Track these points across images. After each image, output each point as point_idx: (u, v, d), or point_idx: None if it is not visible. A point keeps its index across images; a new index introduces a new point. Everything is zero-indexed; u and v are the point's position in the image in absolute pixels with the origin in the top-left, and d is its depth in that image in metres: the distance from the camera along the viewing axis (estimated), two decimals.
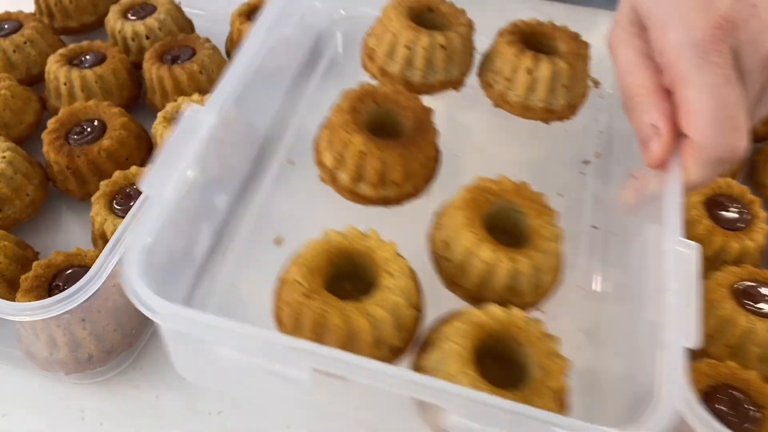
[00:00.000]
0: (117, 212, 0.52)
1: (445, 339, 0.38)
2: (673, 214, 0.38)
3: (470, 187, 0.44)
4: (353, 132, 0.45)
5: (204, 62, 0.65)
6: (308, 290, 0.38)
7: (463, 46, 0.53)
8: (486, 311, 0.39)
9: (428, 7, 0.55)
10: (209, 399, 0.48)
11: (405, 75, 0.53)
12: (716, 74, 0.36)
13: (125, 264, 0.33)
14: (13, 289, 0.50)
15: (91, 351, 0.46)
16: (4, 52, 0.67)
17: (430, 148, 0.48)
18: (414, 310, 0.40)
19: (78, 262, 0.49)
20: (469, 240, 0.41)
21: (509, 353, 0.39)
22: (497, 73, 0.53)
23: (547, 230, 0.43)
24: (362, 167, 0.46)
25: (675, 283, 0.35)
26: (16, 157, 0.56)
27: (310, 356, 0.32)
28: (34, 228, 0.59)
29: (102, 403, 0.48)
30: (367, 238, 0.41)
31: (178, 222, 0.39)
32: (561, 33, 0.54)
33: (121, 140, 0.58)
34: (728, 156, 0.37)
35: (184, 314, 0.33)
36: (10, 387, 0.49)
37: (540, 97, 0.52)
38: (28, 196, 0.56)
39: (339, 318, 0.37)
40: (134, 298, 0.33)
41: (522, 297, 0.43)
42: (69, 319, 0.44)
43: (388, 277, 0.39)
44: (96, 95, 0.64)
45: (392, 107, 0.49)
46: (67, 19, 0.74)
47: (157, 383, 0.49)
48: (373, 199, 0.47)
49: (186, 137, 0.39)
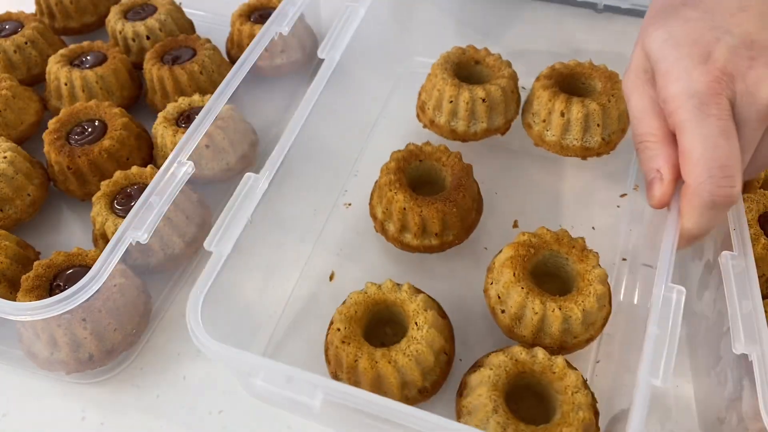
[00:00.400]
0: (118, 212, 0.53)
1: (476, 386, 0.42)
2: (666, 258, 0.41)
3: (513, 243, 0.48)
4: (397, 190, 0.51)
5: (204, 63, 0.65)
6: (345, 336, 0.44)
7: (505, 96, 0.58)
8: (510, 354, 0.43)
9: (475, 60, 0.61)
10: (209, 399, 0.48)
11: (451, 125, 0.58)
12: (713, 126, 0.38)
13: (189, 307, 0.40)
14: (14, 288, 0.50)
15: (91, 351, 0.46)
16: (5, 52, 0.67)
17: (469, 201, 0.53)
18: (442, 354, 0.45)
19: (79, 261, 0.49)
20: (520, 295, 0.45)
21: (543, 391, 0.43)
22: (535, 114, 0.58)
23: (591, 274, 0.46)
24: (405, 220, 0.51)
25: (654, 326, 0.39)
26: (17, 157, 0.56)
27: (322, 389, 0.37)
28: (35, 228, 0.59)
29: (102, 402, 0.48)
30: (400, 290, 0.46)
31: (238, 273, 0.46)
32: (598, 72, 0.58)
33: (122, 140, 0.58)
34: (721, 202, 0.39)
35: (224, 351, 0.38)
36: (11, 386, 0.49)
37: (575, 136, 0.56)
38: (29, 196, 0.57)
39: (368, 363, 0.42)
40: (192, 335, 0.39)
41: (578, 336, 0.46)
42: (70, 318, 0.44)
43: (415, 328, 0.44)
44: (97, 95, 0.64)
45: (435, 164, 0.55)
46: (67, 19, 0.74)
47: (158, 383, 0.49)
48: (417, 247, 0.53)
49: (243, 201, 0.45)
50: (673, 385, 0.49)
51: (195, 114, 0.56)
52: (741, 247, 0.44)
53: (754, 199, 0.52)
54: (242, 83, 0.56)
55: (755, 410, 0.38)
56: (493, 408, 0.40)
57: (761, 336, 0.39)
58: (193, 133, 0.51)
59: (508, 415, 0.40)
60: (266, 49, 0.59)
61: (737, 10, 0.40)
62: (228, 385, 0.48)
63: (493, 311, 0.48)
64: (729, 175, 0.38)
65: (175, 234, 0.53)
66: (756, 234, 0.50)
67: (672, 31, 0.40)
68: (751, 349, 0.39)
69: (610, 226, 0.57)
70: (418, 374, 0.43)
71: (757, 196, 0.53)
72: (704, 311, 0.49)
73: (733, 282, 0.43)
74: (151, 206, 0.47)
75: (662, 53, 0.40)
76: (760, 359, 0.39)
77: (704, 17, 0.40)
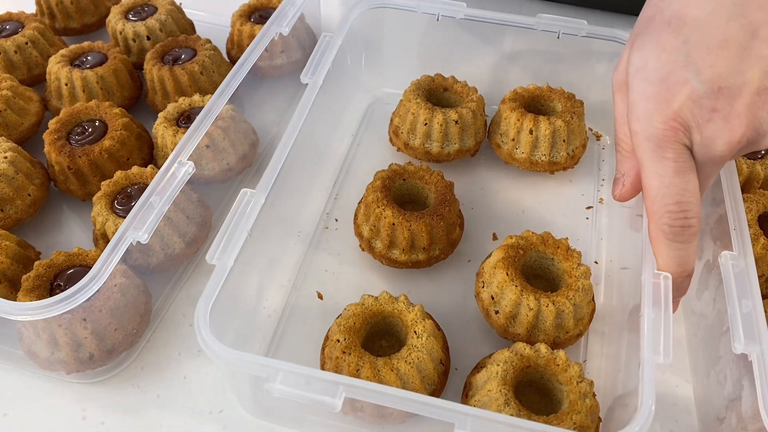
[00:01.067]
0: (118, 212, 0.53)
1: (482, 384, 0.44)
2: (650, 251, 0.43)
3: (503, 246, 0.50)
4: (385, 206, 0.52)
5: (205, 63, 0.65)
6: (345, 347, 0.44)
7: (474, 118, 0.61)
8: (514, 350, 0.44)
9: (444, 88, 0.64)
10: (209, 399, 0.48)
11: (425, 147, 0.61)
12: (669, 167, 0.39)
13: (198, 320, 0.41)
14: (14, 288, 0.50)
15: (92, 350, 0.46)
16: (6, 52, 0.67)
17: (453, 216, 0.54)
18: (439, 364, 0.45)
19: (79, 261, 0.49)
20: (514, 293, 0.47)
21: (546, 385, 0.45)
22: (503, 134, 0.62)
23: (578, 270, 0.48)
24: (394, 236, 0.52)
25: (648, 309, 0.41)
26: (17, 157, 0.56)
27: (340, 386, 0.38)
28: (36, 228, 0.59)
29: (103, 402, 0.48)
30: (397, 302, 0.47)
31: (239, 284, 0.47)
32: (556, 94, 0.63)
33: (122, 140, 0.58)
34: (681, 233, 0.40)
35: (239, 357, 0.39)
36: (11, 386, 0.49)
37: (543, 152, 0.60)
38: (29, 196, 0.57)
39: (370, 371, 0.43)
40: (203, 345, 0.40)
41: (570, 332, 0.48)
42: (70, 318, 0.44)
43: (415, 337, 0.45)
44: (97, 96, 0.64)
45: (418, 182, 0.56)
46: (68, 19, 0.75)
47: (158, 382, 0.49)
48: (405, 263, 0.54)
49: (240, 216, 0.46)
50: (673, 385, 0.49)
51: (195, 114, 0.56)
52: (741, 247, 0.45)
53: (754, 199, 0.53)
54: (242, 83, 0.56)
55: (755, 410, 0.38)
56: (504, 401, 0.41)
57: (761, 336, 0.40)
58: (193, 133, 0.51)
59: (519, 406, 0.41)
60: (266, 49, 0.59)
61: (717, 45, 0.38)
62: (228, 385, 0.49)
63: (487, 313, 0.49)
64: (685, 209, 0.40)
65: (175, 234, 0.53)
66: (756, 234, 0.50)
67: (647, 60, 0.40)
68: (750, 349, 0.39)
69: (581, 236, 0.59)
70: (419, 382, 0.44)
71: (757, 196, 0.53)
72: (704, 311, 0.49)
73: (733, 282, 0.43)
74: (151, 206, 0.47)
75: (633, 82, 0.41)
76: (760, 359, 0.39)
77: (681, 49, 0.39)
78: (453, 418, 0.36)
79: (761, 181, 0.56)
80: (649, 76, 0.40)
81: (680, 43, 0.39)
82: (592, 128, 0.68)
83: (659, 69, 0.39)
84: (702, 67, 0.38)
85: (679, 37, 0.39)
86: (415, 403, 0.37)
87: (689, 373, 0.50)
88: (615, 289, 0.55)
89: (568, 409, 0.41)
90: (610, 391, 0.48)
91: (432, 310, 0.50)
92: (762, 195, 0.53)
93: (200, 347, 0.41)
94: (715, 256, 0.47)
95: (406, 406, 0.37)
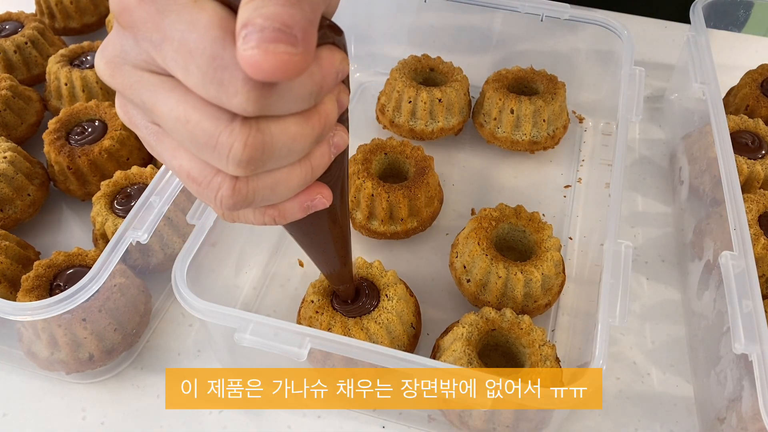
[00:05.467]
0: (118, 212, 0.53)
1: (449, 344, 0.45)
2: (613, 222, 0.46)
3: (476, 217, 0.52)
4: (365, 178, 0.54)
5: None
6: (318, 307, 0.46)
7: (458, 98, 0.63)
8: (481, 314, 0.46)
9: (430, 67, 0.66)
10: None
11: (410, 124, 0.63)
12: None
13: (175, 275, 0.42)
14: (14, 288, 0.50)
15: (91, 351, 0.46)
16: (5, 52, 0.67)
17: (431, 189, 0.56)
18: (410, 327, 0.48)
19: (79, 261, 0.49)
20: (485, 261, 0.49)
21: (510, 349, 0.46)
22: (486, 114, 0.64)
23: (547, 242, 0.50)
24: (373, 207, 0.54)
25: (607, 274, 0.43)
26: (17, 157, 0.56)
27: (306, 337, 0.40)
28: (35, 228, 0.59)
29: (102, 402, 0.48)
30: (371, 267, 0.49)
31: (216, 242, 0.48)
32: (539, 75, 0.64)
33: (122, 140, 0.58)
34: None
35: (213, 309, 0.41)
36: (11, 386, 0.49)
37: (524, 132, 0.62)
38: (29, 196, 0.57)
39: (341, 330, 0.45)
40: (180, 299, 0.41)
41: (538, 300, 0.49)
42: (70, 318, 0.44)
43: (386, 299, 0.47)
44: (97, 95, 0.64)
45: (399, 157, 0.58)
46: (68, 19, 0.74)
47: (158, 383, 0.49)
48: (384, 233, 0.55)
49: None
50: (673, 384, 0.49)
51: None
52: (741, 247, 0.45)
53: (754, 199, 0.52)
54: None
55: (755, 410, 0.38)
56: (467, 361, 0.42)
57: (761, 336, 0.40)
58: None
59: (481, 365, 0.43)
60: None
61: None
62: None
63: (459, 282, 0.51)
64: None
65: (175, 234, 0.53)
66: (756, 234, 0.50)
67: None
68: (751, 349, 0.39)
69: (557, 213, 0.61)
70: (388, 342, 0.45)
71: (757, 197, 0.53)
72: (704, 311, 0.49)
73: (733, 282, 0.43)
74: (151, 206, 0.47)
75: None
76: (760, 359, 0.39)
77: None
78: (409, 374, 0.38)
79: (761, 181, 0.56)
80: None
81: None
82: (575, 111, 0.70)
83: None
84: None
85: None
86: (376, 355, 0.38)
87: (689, 373, 0.50)
88: (588, 264, 0.56)
89: (528, 370, 0.43)
90: (575, 361, 0.49)
91: (408, 279, 0.53)
92: (762, 195, 0.53)
93: (183, 309, 0.42)
94: (716, 256, 0.47)
95: (367, 357, 0.38)
